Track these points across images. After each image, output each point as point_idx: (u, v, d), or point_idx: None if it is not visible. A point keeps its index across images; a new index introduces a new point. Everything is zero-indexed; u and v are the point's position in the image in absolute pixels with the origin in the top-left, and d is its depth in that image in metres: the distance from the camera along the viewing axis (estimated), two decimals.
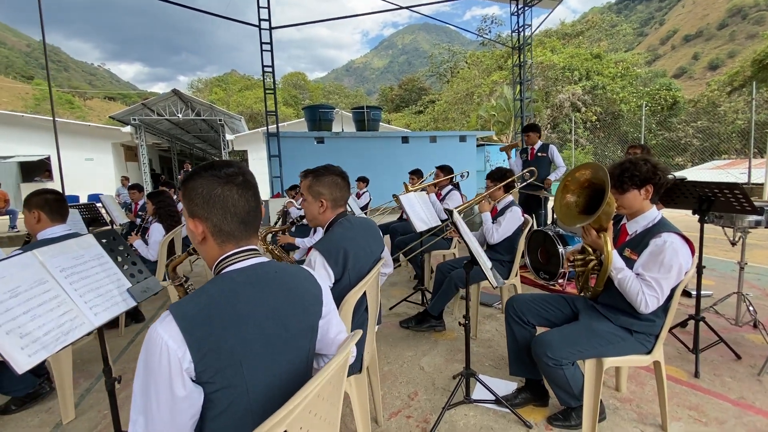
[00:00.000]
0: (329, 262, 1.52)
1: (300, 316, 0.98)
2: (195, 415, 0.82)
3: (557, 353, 1.68)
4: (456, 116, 27.33)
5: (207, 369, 0.80)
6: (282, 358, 0.92)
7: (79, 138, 14.25)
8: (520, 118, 12.41)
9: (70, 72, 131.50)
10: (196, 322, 0.80)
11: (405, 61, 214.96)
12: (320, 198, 1.65)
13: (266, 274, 0.95)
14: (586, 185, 1.73)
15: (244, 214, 0.95)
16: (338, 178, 1.66)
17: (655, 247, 1.65)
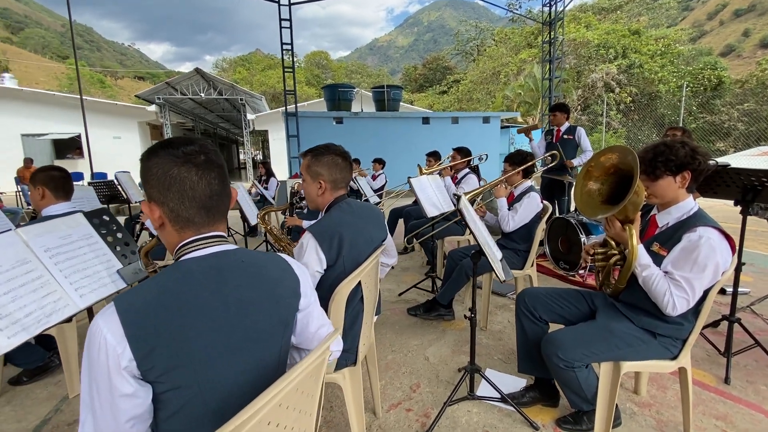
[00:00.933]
0: (322, 247, 1.42)
1: (269, 310, 0.88)
2: (142, 415, 0.74)
3: (569, 354, 1.54)
4: (481, 96, 26.42)
5: (153, 368, 0.71)
6: (248, 355, 0.83)
7: (107, 117, 14.62)
8: (548, 98, 11.84)
9: (102, 52, 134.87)
10: (141, 315, 0.72)
11: (430, 39, 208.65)
12: (319, 179, 1.54)
13: (229, 263, 0.85)
14: (611, 171, 1.54)
15: (204, 199, 0.84)
16: (339, 158, 1.54)
17: (689, 242, 1.46)
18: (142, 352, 0.70)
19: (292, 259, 1.04)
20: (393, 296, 3.46)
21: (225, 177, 0.90)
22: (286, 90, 9.80)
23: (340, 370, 1.55)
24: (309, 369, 0.82)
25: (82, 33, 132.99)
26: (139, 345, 0.70)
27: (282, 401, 0.74)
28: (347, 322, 1.50)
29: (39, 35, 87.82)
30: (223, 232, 0.92)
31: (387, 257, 1.90)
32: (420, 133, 11.61)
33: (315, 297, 1.06)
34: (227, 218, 0.96)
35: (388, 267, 1.95)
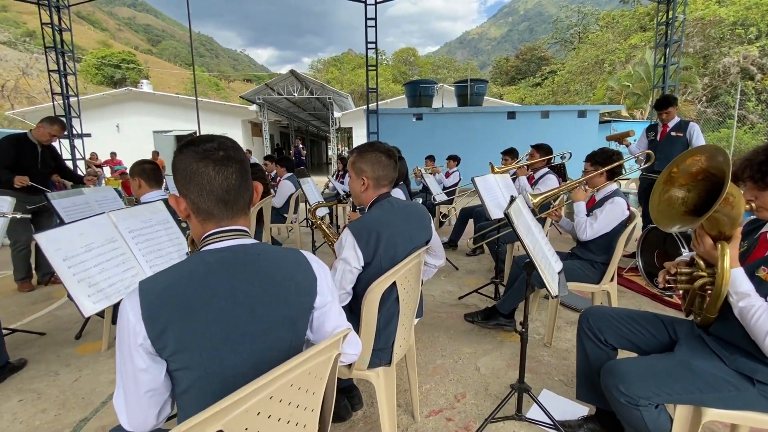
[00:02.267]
0: (359, 244, 1.42)
1: (276, 305, 0.91)
2: (158, 388, 0.82)
3: (634, 390, 1.31)
4: (580, 88, 24.02)
5: (165, 348, 0.78)
6: (253, 347, 0.87)
7: (216, 115, 16.68)
8: (662, 89, 10.28)
9: (219, 58, 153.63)
10: (157, 299, 0.79)
11: (526, 29, 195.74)
12: (362, 176, 1.54)
13: (243, 257, 0.89)
14: (700, 177, 1.26)
15: (221, 193, 0.88)
16: (382, 156, 1.52)
17: None
18: (155, 332, 0.77)
19: (314, 257, 1.05)
20: (452, 299, 3.35)
21: (244, 172, 0.94)
22: (368, 88, 10.06)
23: (374, 368, 1.54)
24: (307, 366, 0.83)
25: (204, 43, 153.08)
26: (152, 326, 0.77)
27: (273, 394, 0.76)
28: (381, 322, 1.49)
29: (172, 46, 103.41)
30: (245, 227, 0.97)
31: (434, 258, 1.83)
32: (505, 128, 11.01)
33: (334, 297, 1.06)
34: (249, 212, 1.01)
35: (434, 268, 1.88)
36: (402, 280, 1.48)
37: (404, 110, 11.18)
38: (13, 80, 25.03)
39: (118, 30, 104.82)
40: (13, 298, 3.46)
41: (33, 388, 2.17)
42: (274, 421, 0.79)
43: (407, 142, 10.67)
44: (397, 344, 1.58)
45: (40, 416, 1.93)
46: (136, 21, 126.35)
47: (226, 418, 0.69)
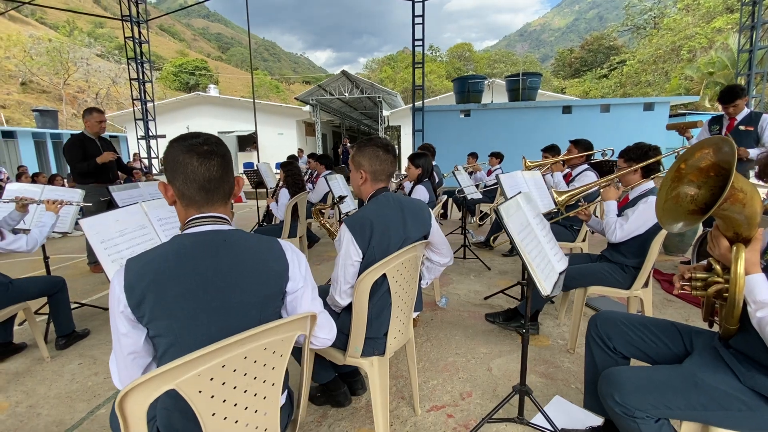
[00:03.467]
0: (356, 238, 1.48)
1: (245, 286, 0.99)
2: (139, 352, 0.95)
3: (630, 400, 1.22)
4: (653, 78, 21.90)
5: (143, 316, 0.91)
6: (221, 322, 0.96)
7: (273, 116, 17.62)
8: (747, 76, 9.10)
9: (281, 62, 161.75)
10: (138, 274, 0.91)
11: (595, 17, 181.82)
12: (360, 169, 1.60)
13: (217, 241, 0.99)
14: (712, 173, 1.14)
15: (203, 181, 0.99)
16: (380, 150, 1.56)
17: None
18: (133, 302, 0.90)
19: (290, 246, 1.13)
20: (478, 299, 3.28)
21: (226, 165, 1.04)
22: (414, 85, 10.05)
23: (368, 357, 1.59)
24: (262, 342, 0.90)
25: (268, 48, 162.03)
26: (131, 296, 0.90)
27: (226, 363, 0.85)
28: (373, 312, 1.53)
29: (239, 52, 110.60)
30: (224, 214, 1.07)
31: (438, 255, 1.83)
32: (560, 124, 10.40)
33: (307, 284, 1.13)
34: (229, 202, 1.11)
35: (441, 266, 1.88)
36: (393, 272, 1.50)
37: (451, 107, 10.99)
38: (105, 89, 28.62)
39: (193, 40, 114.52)
40: (86, 278, 4.00)
41: (91, 354, 2.51)
42: (229, 388, 0.87)
43: (454, 139, 10.51)
44: (391, 335, 1.61)
45: (92, 378, 2.24)
46: (209, 30, 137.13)
47: (179, 379, 0.79)
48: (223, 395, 0.87)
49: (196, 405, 0.83)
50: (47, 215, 2.37)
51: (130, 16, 10.31)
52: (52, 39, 29.28)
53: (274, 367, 0.96)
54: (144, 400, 0.77)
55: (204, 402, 0.84)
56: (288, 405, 1.18)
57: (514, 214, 1.44)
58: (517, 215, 1.46)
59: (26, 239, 2.20)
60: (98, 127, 3.67)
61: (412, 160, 3.18)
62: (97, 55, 31.93)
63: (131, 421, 0.76)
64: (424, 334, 2.67)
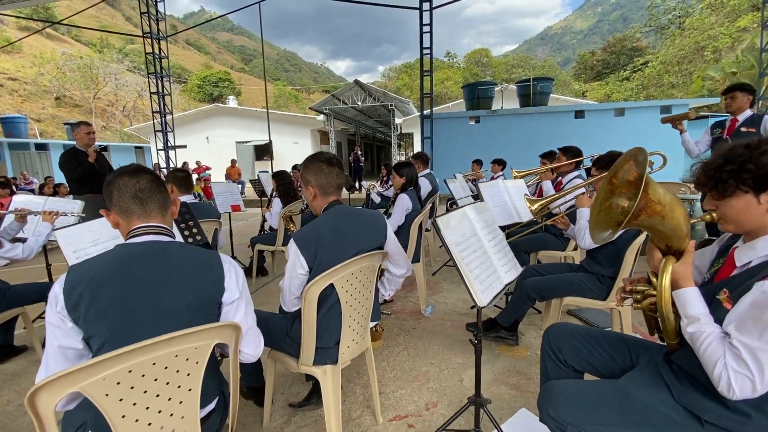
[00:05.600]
0: (302, 251, 1.52)
1: (176, 294, 1.06)
2: (67, 347, 1.02)
3: (563, 414, 1.21)
4: (676, 80, 21.19)
5: (78, 318, 0.99)
6: (152, 327, 1.02)
7: (288, 126, 18.04)
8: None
9: (302, 72, 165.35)
10: (76, 278, 1.00)
11: (618, 18, 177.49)
12: (308, 185, 1.65)
13: (153, 251, 1.07)
14: (638, 183, 1.13)
15: (135, 191, 1.10)
16: (323, 165, 1.61)
17: (762, 295, 0.95)
18: (70, 303, 0.99)
19: (227, 258, 1.20)
20: (465, 308, 3.26)
21: (155, 180, 1.14)
22: (422, 93, 10.09)
23: (320, 366, 1.62)
24: (172, 349, 0.95)
25: (289, 58, 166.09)
26: (69, 298, 0.99)
27: (133, 368, 0.90)
28: (323, 322, 1.57)
29: (260, 62, 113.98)
30: (162, 224, 1.14)
31: (395, 267, 1.85)
32: (572, 129, 10.20)
33: (243, 296, 1.19)
34: (167, 214, 1.18)
35: (399, 278, 1.89)
36: (342, 282, 1.54)
37: (460, 113, 10.97)
38: (132, 101, 30.08)
39: (218, 52, 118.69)
40: None
41: None
42: (139, 392, 0.93)
43: (463, 146, 10.48)
44: (344, 344, 1.64)
45: None
46: (233, 43, 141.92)
47: (84, 382, 0.85)
48: (133, 399, 0.92)
49: (104, 407, 0.89)
50: (44, 225, 2.53)
51: (150, 33, 10.82)
52: (83, 56, 31.04)
53: (189, 373, 1.01)
54: (50, 400, 0.83)
55: (112, 405, 0.89)
56: (221, 409, 1.22)
57: (456, 225, 1.45)
58: (461, 226, 1.47)
59: (22, 248, 2.35)
60: (87, 138, 3.79)
61: (397, 170, 3.22)
62: (128, 70, 33.62)
63: (43, 418, 0.83)
64: (402, 342, 2.68)
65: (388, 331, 2.87)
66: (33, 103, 29.42)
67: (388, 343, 2.68)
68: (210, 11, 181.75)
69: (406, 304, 3.39)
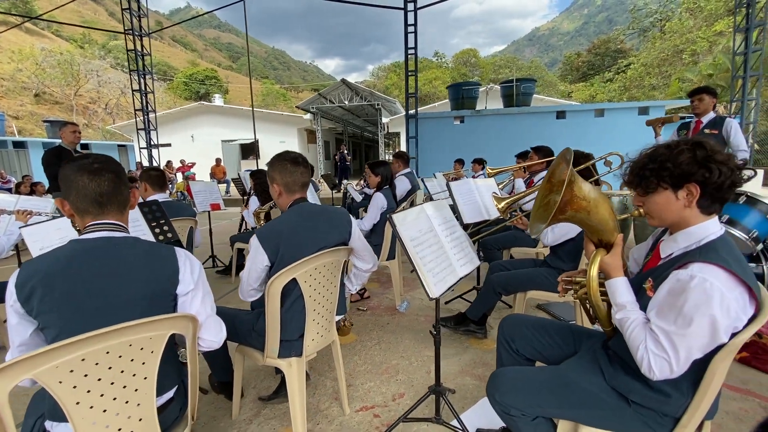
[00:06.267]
0: (263, 246, 1.57)
1: (129, 287, 1.10)
2: (28, 343, 1.06)
3: (507, 399, 1.29)
4: (657, 82, 21.72)
5: (31, 310, 1.03)
6: (106, 319, 1.06)
7: (275, 125, 17.95)
8: (742, 79, 9.01)
9: (291, 70, 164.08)
10: (29, 273, 1.03)
11: (604, 20, 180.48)
12: (273, 183, 1.70)
13: (106, 246, 1.10)
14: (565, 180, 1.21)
15: (95, 195, 1.12)
16: (287, 163, 1.66)
17: (677, 283, 1.04)
18: (22, 297, 1.02)
19: (183, 252, 1.24)
20: (441, 303, 3.34)
21: (117, 180, 1.16)
22: (407, 93, 10.17)
23: (285, 358, 1.68)
24: (126, 338, 1.00)
25: (278, 57, 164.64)
26: (21, 292, 1.02)
27: (87, 357, 0.94)
28: (287, 315, 1.62)
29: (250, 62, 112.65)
30: (119, 221, 1.18)
31: (361, 262, 1.91)
32: (553, 128, 10.38)
33: (199, 288, 1.23)
34: (126, 212, 1.22)
35: (365, 272, 1.96)
36: (306, 277, 1.59)
37: (445, 113, 11.08)
38: (114, 99, 29.52)
39: (204, 50, 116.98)
40: None
41: None
42: (93, 380, 0.97)
43: (448, 145, 10.58)
44: (308, 337, 1.70)
45: None
46: (220, 40, 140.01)
47: (36, 370, 0.89)
48: (87, 386, 0.97)
49: (58, 394, 0.93)
50: (16, 224, 2.52)
51: (132, 30, 10.67)
52: (63, 52, 30.33)
53: (144, 362, 1.05)
54: (4, 386, 0.87)
55: (66, 392, 0.94)
56: (181, 398, 1.27)
57: (413, 221, 1.52)
58: (417, 222, 1.54)
59: None
60: (73, 137, 3.88)
61: (372, 169, 3.28)
62: (111, 66, 32.93)
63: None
64: (375, 337, 2.74)
65: (363, 326, 2.94)
66: (11, 99, 28.64)
67: (362, 337, 2.75)
68: (196, 8, 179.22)
69: (383, 301, 3.46)
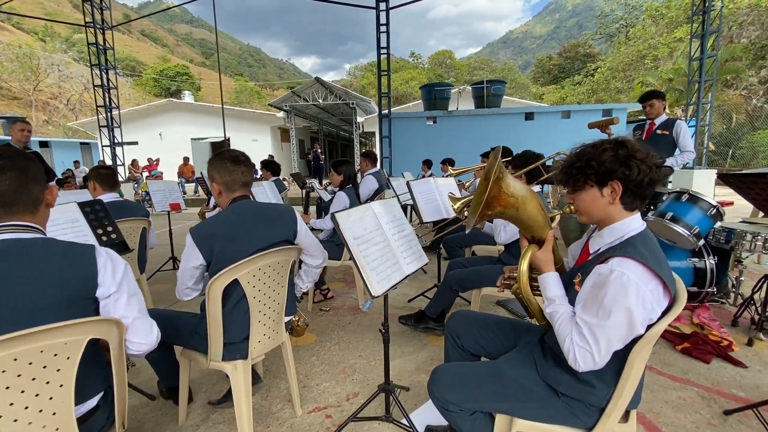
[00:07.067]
0: (197, 245, 1.53)
1: (42, 290, 1.04)
2: None
3: (445, 395, 1.30)
4: (622, 85, 22.62)
5: None
6: (11, 328, 1.00)
7: (246, 123, 17.60)
8: (697, 83, 9.50)
9: (266, 68, 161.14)
10: None
11: (575, 25, 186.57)
12: (213, 182, 1.66)
13: (12, 249, 1.04)
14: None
15: None
16: (227, 162, 1.63)
17: (599, 277, 1.08)
18: None
19: (105, 252, 1.18)
20: (403, 301, 3.36)
21: (23, 177, 1.09)
22: (380, 92, 10.17)
23: (230, 361, 1.63)
24: (38, 344, 0.95)
25: (252, 54, 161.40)
26: None
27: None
28: (229, 318, 1.58)
29: (223, 58, 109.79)
30: (31, 222, 1.11)
31: (310, 258, 1.89)
32: (522, 129, 10.65)
33: (121, 290, 1.18)
34: (38, 210, 1.15)
35: (315, 268, 1.94)
36: (248, 278, 1.56)
37: (418, 113, 11.17)
38: (77, 94, 28.16)
39: (176, 45, 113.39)
40: None
41: None
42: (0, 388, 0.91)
43: (421, 145, 10.66)
44: (254, 339, 1.66)
45: None
46: (193, 36, 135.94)
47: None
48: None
49: None
50: None
51: (93, 23, 10.21)
52: (22, 45, 28.68)
53: (59, 369, 1.00)
54: None
55: None
56: (109, 405, 1.21)
57: (358, 220, 1.51)
58: (363, 220, 1.53)
59: None
60: (21, 135, 3.72)
61: (335, 168, 3.26)
62: (75, 60, 31.38)
63: None
64: (335, 337, 2.73)
65: (325, 326, 2.91)
66: None
67: (322, 338, 2.72)
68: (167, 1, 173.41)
69: (347, 300, 3.45)
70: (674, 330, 2.59)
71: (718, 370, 2.22)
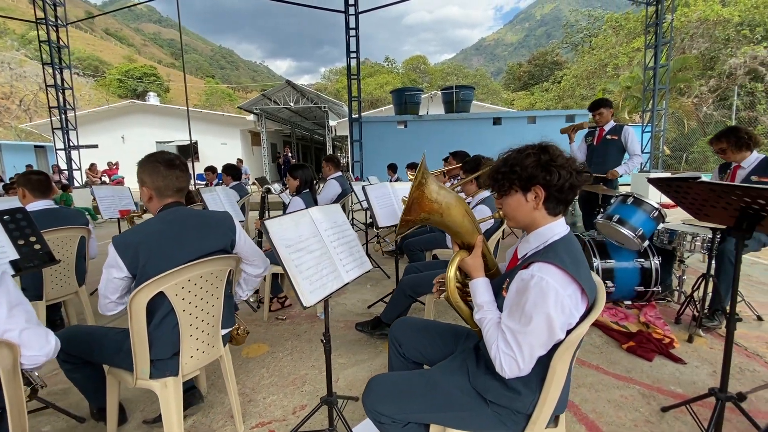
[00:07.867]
0: (120, 255, 1.43)
1: None
2: None
3: (378, 406, 1.26)
4: (586, 92, 23.54)
5: None
6: None
7: (215, 126, 17.12)
8: (652, 91, 10.00)
9: (239, 70, 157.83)
10: None
11: (543, 34, 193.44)
12: (143, 186, 1.56)
13: None
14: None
15: None
16: (161, 166, 1.53)
17: (521, 282, 1.08)
18: None
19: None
20: (362, 308, 3.31)
21: None
22: (350, 96, 10.14)
23: (159, 379, 1.54)
24: None
25: (225, 56, 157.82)
26: None
27: None
28: (156, 333, 1.49)
29: (194, 59, 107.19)
30: None
31: (252, 267, 1.82)
32: (490, 134, 10.89)
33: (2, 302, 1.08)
34: None
35: (256, 277, 1.86)
36: (177, 290, 1.47)
37: (388, 118, 11.22)
38: (31, 94, 26.60)
39: (143, 45, 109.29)
40: None
41: None
42: None
43: (392, 149, 10.69)
44: (186, 355, 1.57)
45: None
46: (161, 36, 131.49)
47: None
48: None
49: None
50: None
51: (46, 19, 9.66)
52: None
53: None
54: None
55: None
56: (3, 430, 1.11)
57: (292, 227, 1.46)
58: (298, 227, 1.48)
59: None
60: None
61: (291, 172, 3.18)
62: (30, 58, 29.67)
63: None
64: (289, 348, 2.65)
65: (279, 336, 2.82)
66: None
67: (274, 348, 2.63)
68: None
69: None
70: (621, 329, 2.67)
71: (659, 367, 2.29)
